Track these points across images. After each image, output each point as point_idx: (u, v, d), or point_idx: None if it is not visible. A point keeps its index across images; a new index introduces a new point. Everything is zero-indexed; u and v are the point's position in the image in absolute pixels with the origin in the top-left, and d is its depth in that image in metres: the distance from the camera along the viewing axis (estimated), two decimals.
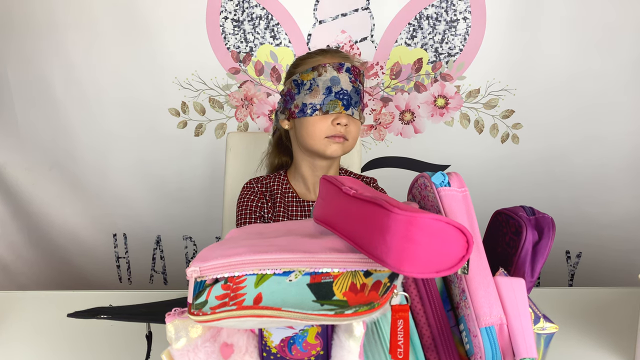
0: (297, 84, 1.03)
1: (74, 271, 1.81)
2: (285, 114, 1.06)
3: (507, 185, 1.69)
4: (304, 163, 1.09)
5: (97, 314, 0.64)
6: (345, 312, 0.43)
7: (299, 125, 1.04)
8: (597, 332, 0.89)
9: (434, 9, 1.53)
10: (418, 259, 0.45)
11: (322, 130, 1.00)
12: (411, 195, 0.66)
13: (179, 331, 0.50)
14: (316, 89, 1.00)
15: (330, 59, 1.02)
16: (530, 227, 0.63)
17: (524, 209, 0.67)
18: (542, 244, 0.63)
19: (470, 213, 0.56)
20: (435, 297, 0.55)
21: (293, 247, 0.53)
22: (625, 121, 1.61)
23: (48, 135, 1.66)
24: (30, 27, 1.55)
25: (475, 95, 1.61)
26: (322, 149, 1.02)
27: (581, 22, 1.52)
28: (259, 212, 1.09)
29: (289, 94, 1.05)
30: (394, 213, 0.45)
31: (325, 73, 0.99)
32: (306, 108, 1.00)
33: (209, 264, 0.52)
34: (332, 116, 1.00)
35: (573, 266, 1.75)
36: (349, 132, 1.02)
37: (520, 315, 0.52)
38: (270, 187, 1.11)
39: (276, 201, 1.09)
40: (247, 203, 1.09)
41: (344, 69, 1.00)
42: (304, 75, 1.02)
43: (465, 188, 0.58)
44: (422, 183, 0.62)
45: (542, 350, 0.62)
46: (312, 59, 1.04)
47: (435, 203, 0.58)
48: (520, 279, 0.54)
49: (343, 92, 0.99)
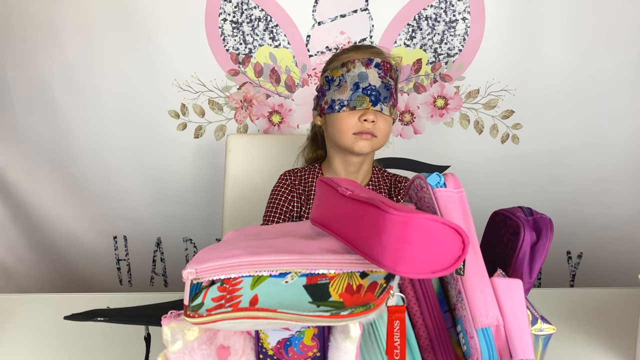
0: (327, 80, 1.03)
1: (74, 274, 1.81)
2: (318, 110, 1.07)
3: (507, 186, 1.68)
4: (337, 159, 1.09)
5: (94, 316, 0.64)
6: (341, 313, 0.43)
7: (329, 121, 1.04)
8: (598, 332, 0.89)
9: (433, 9, 1.53)
10: (414, 260, 0.45)
11: (350, 126, 1.00)
12: (408, 197, 0.66)
13: (175, 334, 0.50)
14: (344, 85, 1.00)
15: (361, 54, 1.02)
16: (528, 227, 0.63)
17: (522, 210, 0.66)
18: (540, 244, 0.62)
19: (467, 214, 0.56)
20: (432, 298, 0.55)
21: (289, 248, 0.53)
22: (625, 121, 1.60)
23: (48, 137, 1.66)
24: (29, 29, 1.55)
25: (475, 96, 1.61)
26: (350, 145, 1.01)
27: (581, 22, 1.52)
28: (288, 206, 1.08)
29: (320, 91, 1.06)
30: (389, 214, 0.45)
31: (353, 69, 0.99)
32: (334, 104, 1.00)
33: (205, 265, 0.52)
34: (360, 112, 0.99)
35: (574, 267, 1.75)
36: (377, 129, 1.01)
37: (517, 316, 0.52)
38: (305, 179, 1.11)
39: (311, 193, 1.09)
40: (278, 197, 1.09)
41: (372, 65, 0.99)
42: (334, 71, 1.02)
43: (461, 189, 0.58)
44: (419, 184, 0.61)
45: (540, 352, 0.62)
46: (344, 55, 1.04)
47: (431, 204, 0.58)
48: (517, 280, 0.54)
49: (371, 87, 0.98)
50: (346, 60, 1.01)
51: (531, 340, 0.52)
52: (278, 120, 1.65)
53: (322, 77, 1.06)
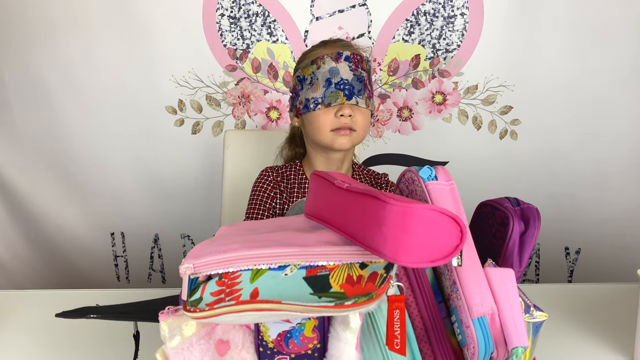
0: (299, 80, 1.02)
1: (72, 270, 1.80)
2: (294, 112, 1.06)
3: (505, 182, 1.68)
4: (317, 157, 1.08)
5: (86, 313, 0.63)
6: (345, 303, 0.43)
7: (306, 121, 1.03)
8: (597, 328, 0.89)
9: (431, 4, 1.52)
10: (414, 249, 0.45)
11: (327, 123, 0.99)
12: (398, 190, 0.66)
13: (173, 329, 0.49)
14: (316, 83, 0.98)
15: (329, 49, 1.01)
16: (516, 217, 0.64)
17: (509, 200, 0.67)
18: (528, 233, 0.63)
19: (458, 206, 0.57)
20: (427, 288, 0.56)
21: (287, 241, 0.52)
22: (623, 117, 1.60)
23: (45, 134, 1.65)
24: (26, 26, 1.54)
25: (474, 92, 1.61)
26: (329, 142, 1.00)
27: (580, 18, 1.52)
28: (271, 203, 1.07)
29: (294, 91, 1.05)
30: (389, 204, 0.45)
31: (323, 65, 0.98)
32: (309, 103, 0.99)
33: (202, 260, 0.51)
34: (335, 108, 0.98)
35: (572, 262, 1.75)
36: (355, 123, 0.99)
37: (510, 305, 0.53)
38: (287, 176, 1.10)
39: (293, 190, 1.08)
40: (260, 193, 1.08)
41: (342, 58, 0.98)
42: (305, 70, 1.01)
43: (452, 182, 0.58)
44: (410, 177, 0.62)
45: (531, 339, 0.62)
46: (313, 53, 1.03)
47: (423, 197, 0.58)
48: (509, 270, 0.55)
49: (343, 82, 0.97)
50: (315, 57, 1.00)
51: (525, 328, 0.53)
52: (276, 116, 1.65)
53: (294, 78, 1.04)
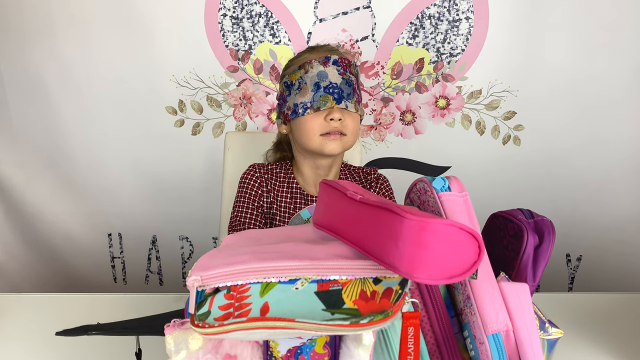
0: (287, 86, 1.00)
1: (68, 271, 1.78)
2: (281, 119, 1.04)
3: (508, 188, 1.67)
4: (306, 163, 1.06)
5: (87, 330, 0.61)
6: (360, 321, 0.42)
7: (294, 127, 1.01)
8: (600, 338, 0.88)
9: (436, 8, 1.51)
10: (431, 265, 0.44)
11: (316, 128, 0.97)
12: (409, 200, 0.65)
13: (179, 343, 0.48)
14: (305, 87, 0.97)
15: (316, 54, 0.99)
16: (531, 230, 0.62)
17: (522, 212, 0.66)
18: (543, 247, 0.62)
19: (472, 218, 0.56)
20: (440, 303, 0.54)
21: (298, 253, 0.51)
22: (627, 123, 1.60)
23: (42, 133, 1.63)
24: (24, 23, 1.52)
25: (477, 96, 1.59)
26: (319, 147, 0.98)
27: (584, 24, 1.51)
28: (259, 202, 1.05)
29: (281, 98, 1.03)
30: (406, 219, 0.44)
31: (311, 69, 0.96)
32: (298, 108, 0.97)
33: (210, 272, 0.49)
34: (325, 112, 0.97)
35: (573, 269, 1.74)
36: (345, 127, 0.98)
37: (525, 321, 0.52)
38: (277, 174, 1.08)
39: (281, 189, 1.06)
40: (248, 191, 1.05)
41: (330, 62, 0.96)
42: (292, 75, 0.99)
43: (465, 192, 0.57)
44: (422, 188, 0.60)
45: (546, 355, 0.61)
46: (300, 58, 1.01)
47: (436, 208, 0.57)
48: (524, 284, 0.54)
49: (332, 85, 0.95)
50: (303, 62, 0.98)
51: (540, 345, 0.52)
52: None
53: (281, 84, 1.03)
